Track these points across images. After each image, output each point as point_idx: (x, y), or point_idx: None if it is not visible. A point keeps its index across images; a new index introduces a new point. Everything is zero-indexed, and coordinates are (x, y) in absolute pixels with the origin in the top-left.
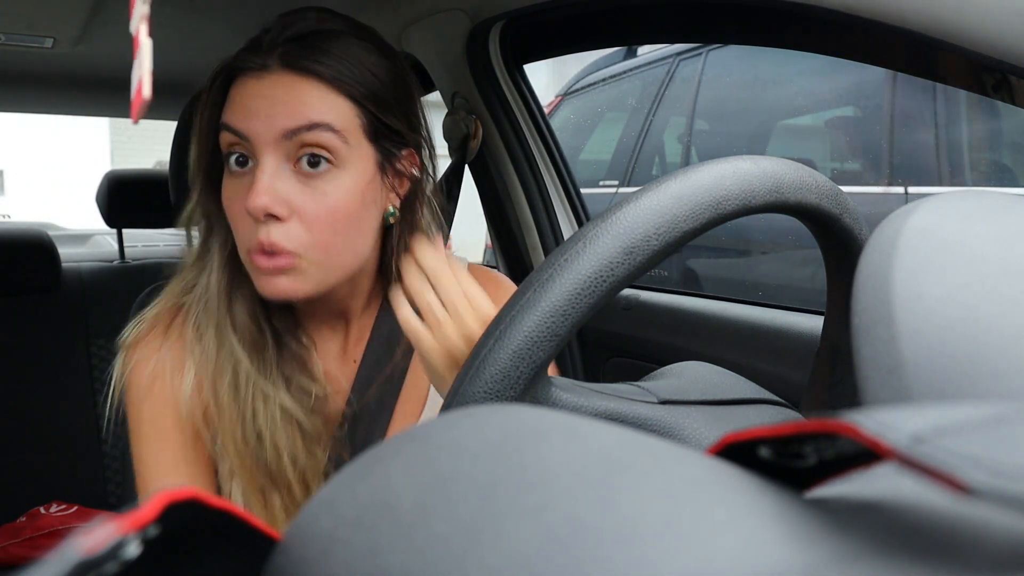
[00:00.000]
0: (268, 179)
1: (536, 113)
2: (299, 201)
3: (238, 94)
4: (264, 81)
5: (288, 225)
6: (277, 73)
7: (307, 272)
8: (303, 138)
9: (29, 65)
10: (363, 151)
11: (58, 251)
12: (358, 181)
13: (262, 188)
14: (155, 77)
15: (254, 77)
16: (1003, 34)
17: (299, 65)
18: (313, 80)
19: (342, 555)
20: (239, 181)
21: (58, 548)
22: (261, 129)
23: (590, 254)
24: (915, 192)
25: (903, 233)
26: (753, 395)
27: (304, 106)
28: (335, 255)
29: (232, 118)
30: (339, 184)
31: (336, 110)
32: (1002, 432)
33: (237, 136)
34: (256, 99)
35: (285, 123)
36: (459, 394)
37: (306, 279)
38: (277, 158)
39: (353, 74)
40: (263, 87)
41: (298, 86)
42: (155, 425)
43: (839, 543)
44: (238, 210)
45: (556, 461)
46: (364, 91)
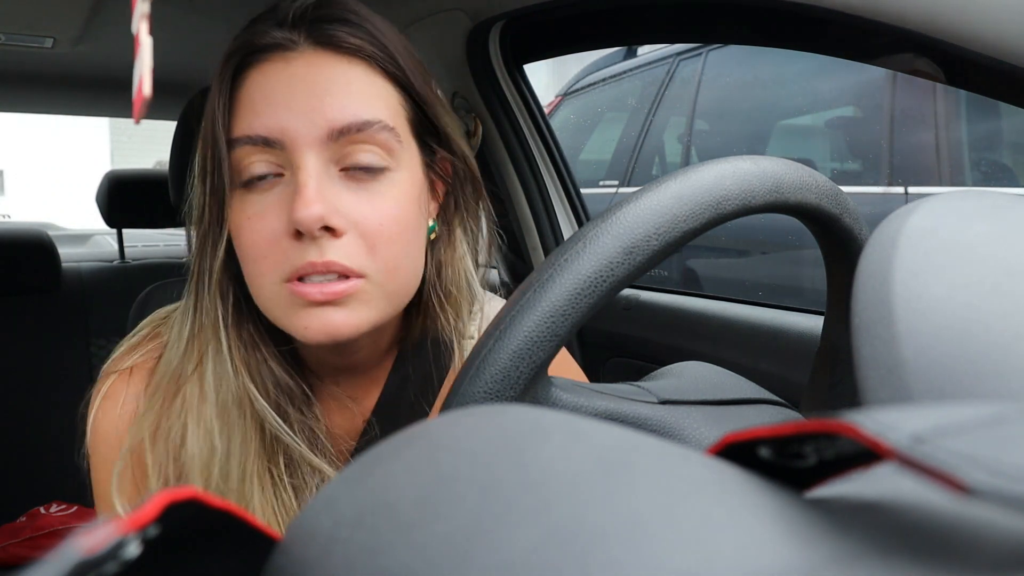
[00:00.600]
0: (316, 184)
1: (536, 113)
2: (355, 211)
3: (257, 87)
4: (294, 64)
5: (345, 240)
6: (309, 53)
7: (370, 301)
8: (354, 137)
9: (29, 65)
10: (412, 149)
11: (58, 251)
12: (413, 185)
13: (313, 194)
14: (155, 77)
15: (280, 60)
16: (1003, 34)
17: (337, 42)
18: (356, 62)
19: (342, 555)
20: (259, 198)
21: (58, 548)
22: (300, 127)
23: (590, 254)
24: (915, 192)
25: (903, 233)
26: (753, 395)
27: (352, 96)
28: (401, 276)
29: (253, 124)
30: (397, 189)
31: (387, 100)
32: (1002, 432)
33: (263, 145)
34: (285, 89)
35: (332, 119)
36: (459, 394)
37: (368, 309)
38: (322, 160)
39: (395, 56)
40: (294, 72)
41: (341, 70)
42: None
43: (839, 543)
44: (265, 232)
45: (556, 461)
46: (407, 77)
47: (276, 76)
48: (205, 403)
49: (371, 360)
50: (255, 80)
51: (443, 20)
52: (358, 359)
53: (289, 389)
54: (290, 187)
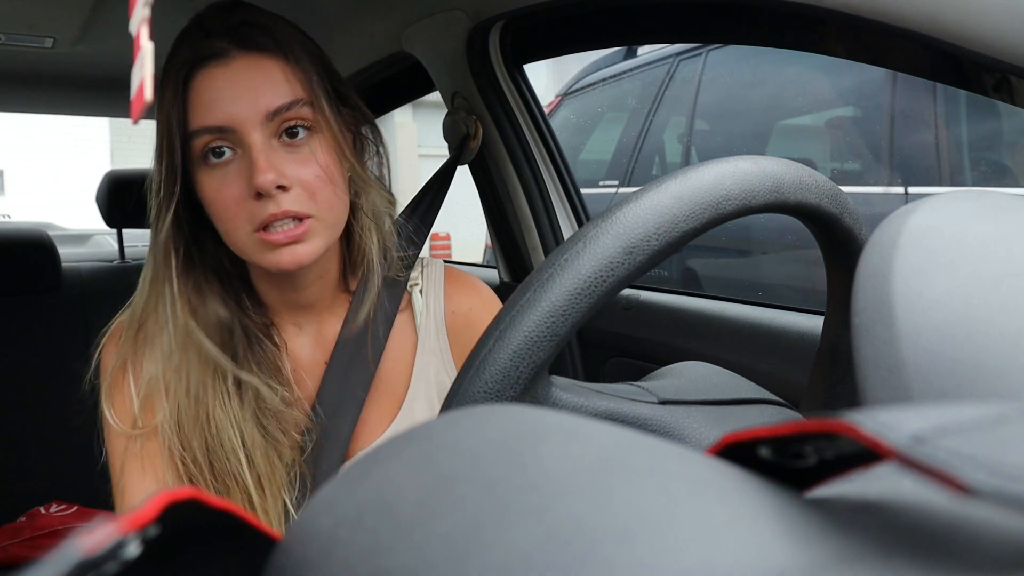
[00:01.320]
0: (267, 156)
1: (536, 113)
2: (294, 170)
3: (205, 88)
4: (231, 67)
5: (293, 193)
6: (240, 57)
7: (319, 233)
8: (284, 116)
9: (29, 65)
10: (327, 113)
11: (58, 251)
12: (333, 140)
13: (265, 165)
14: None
15: (220, 65)
16: (1003, 34)
17: (258, 45)
18: (276, 58)
19: (342, 555)
20: (222, 172)
21: (58, 548)
22: (244, 115)
23: (590, 254)
24: (915, 192)
25: (903, 233)
26: (753, 395)
27: (277, 85)
28: (335, 211)
29: (207, 117)
30: (323, 147)
31: (299, 83)
32: (1002, 432)
33: (218, 133)
34: (229, 88)
35: (267, 105)
36: (459, 394)
37: (319, 239)
38: (265, 136)
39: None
40: (232, 73)
41: (264, 66)
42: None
43: (839, 543)
44: (234, 196)
45: (556, 461)
46: (312, 60)
47: (220, 78)
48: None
49: (324, 296)
50: (203, 83)
51: (443, 20)
52: (312, 294)
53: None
54: (244, 161)
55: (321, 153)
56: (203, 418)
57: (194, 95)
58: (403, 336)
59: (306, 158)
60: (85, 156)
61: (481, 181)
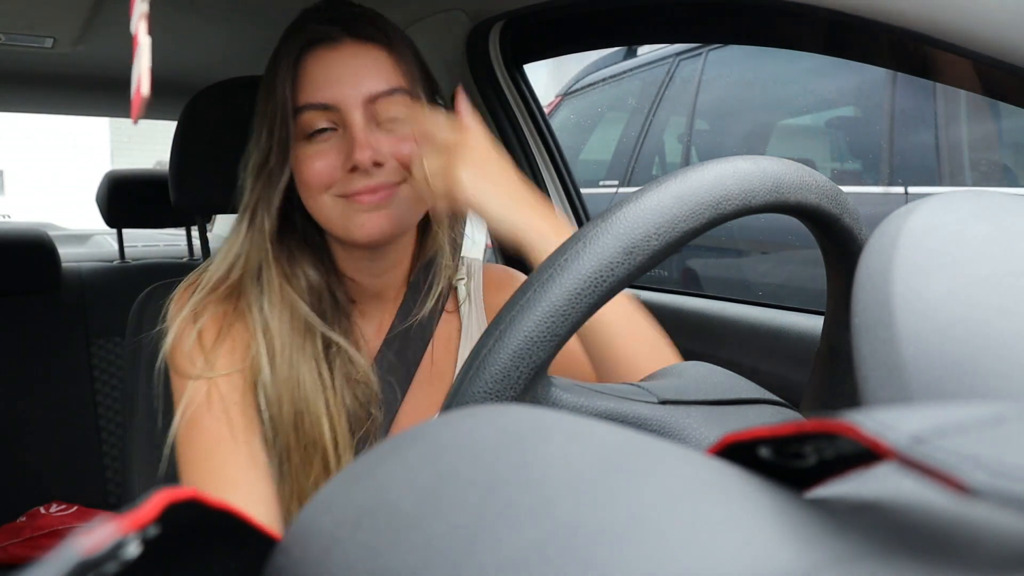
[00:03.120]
0: (366, 134)
1: (536, 113)
2: (391, 149)
3: (315, 67)
4: (340, 51)
5: (386, 168)
6: (348, 43)
7: (404, 201)
8: (385, 101)
9: (29, 65)
10: (422, 103)
11: (58, 251)
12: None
13: (363, 142)
14: (155, 77)
15: (330, 48)
16: (1003, 34)
17: (364, 34)
18: (382, 48)
19: (342, 555)
20: (320, 147)
21: (58, 548)
22: (349, 95)
23: (590, 254)
24: (915, 192)
25: (903, 233)
26: (753, 395)
27: (380, 72)
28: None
29: (314, 95)
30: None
31: (402, 74)
32: (1002, 432)
33: (324, 109)
34: (337, 69)
35: (369, 89)
36: (459, 394)
37: (403, 209)
38: (365, 118)
39: (402, 42)
40: (341, 57)
41: (370, 54)
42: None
43: (839, 543)
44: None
45: (556, 461)
46: (414, 55)
47: (329, 60)
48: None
49: (393, 286)
50: (313, 63)
51: (443, 20)
52: (384, 282)
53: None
54: (344, 139)
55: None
56: (293, 382)
57: (304, 74)
58: (450, 327)
59: (402, 138)
60: (85, 156)
61: None
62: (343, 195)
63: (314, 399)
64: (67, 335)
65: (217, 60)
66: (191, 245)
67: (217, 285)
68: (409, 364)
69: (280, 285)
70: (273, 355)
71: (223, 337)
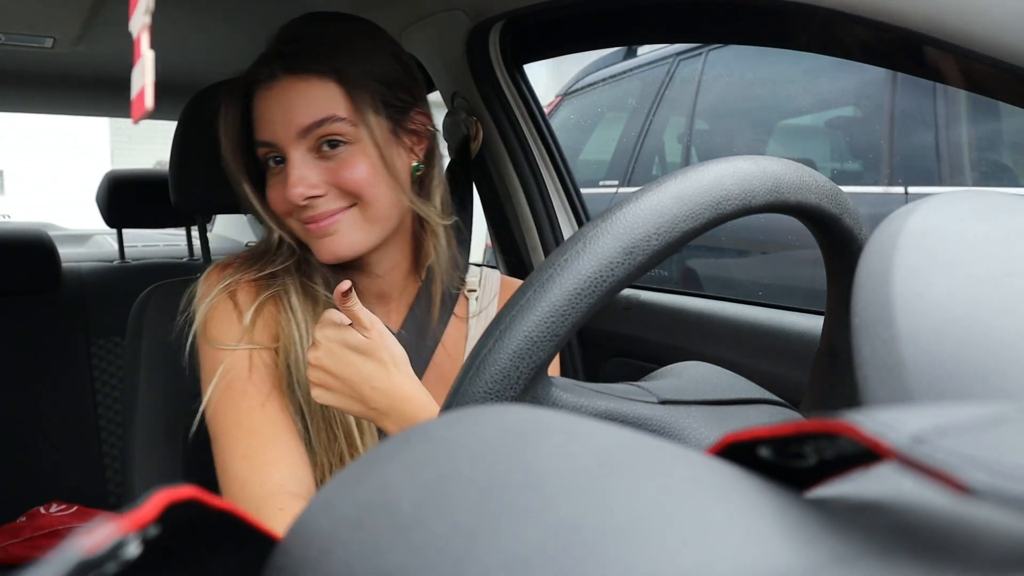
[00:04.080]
0: (298, 171)
1: (536, 113)
2: (330, 178)
3: (258, 108)
4: (274, 90)
5: (327, 197)
6: (283, 80)
7: (354, 225)
8: (317, 132)
9: (29, 65)
10: (373, 123)
11: (58, 251)
12: (375, 149)
13: (295, 180)
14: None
15: (265, 88)
16: (1003, 34)
17: (299, 67)
18: (314, 78)
19: (342, 555)
20: (279, 176)
21: (58, 548)
22: (281, 133)
23: (590, 254)
24: (915, 192)
25: (903, 233)
26: (753, 395)
27: (310, 104)
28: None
29: (260, 133)
30: (358, 156)
31: (340, 99)
32: (1002, 432)
33: (268, 146)
34: (272, 108)
35: (299, 123)
36: (459, 394)
37: (356, 232)
38: (301, 151)
39: (349, 63)
40: (274, 95)
41: (303, 88)
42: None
43: (839, 543)
44: (282, 198)
45: (556, 461)
46: (361, 74)
47: (266, 99)
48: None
49: (396, 288)
50: (257, 102)
51: (443, 20)
52: (384, 284)
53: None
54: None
55: (360, 161)
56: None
57: (253, 112)
58: (457, 335)
59: (341, 164)
60: (85, 156)
61: (481, 182)
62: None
63: None
64: (67, 335)
65: (217, 60)
66: (191, 245)
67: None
68: (417, 365)
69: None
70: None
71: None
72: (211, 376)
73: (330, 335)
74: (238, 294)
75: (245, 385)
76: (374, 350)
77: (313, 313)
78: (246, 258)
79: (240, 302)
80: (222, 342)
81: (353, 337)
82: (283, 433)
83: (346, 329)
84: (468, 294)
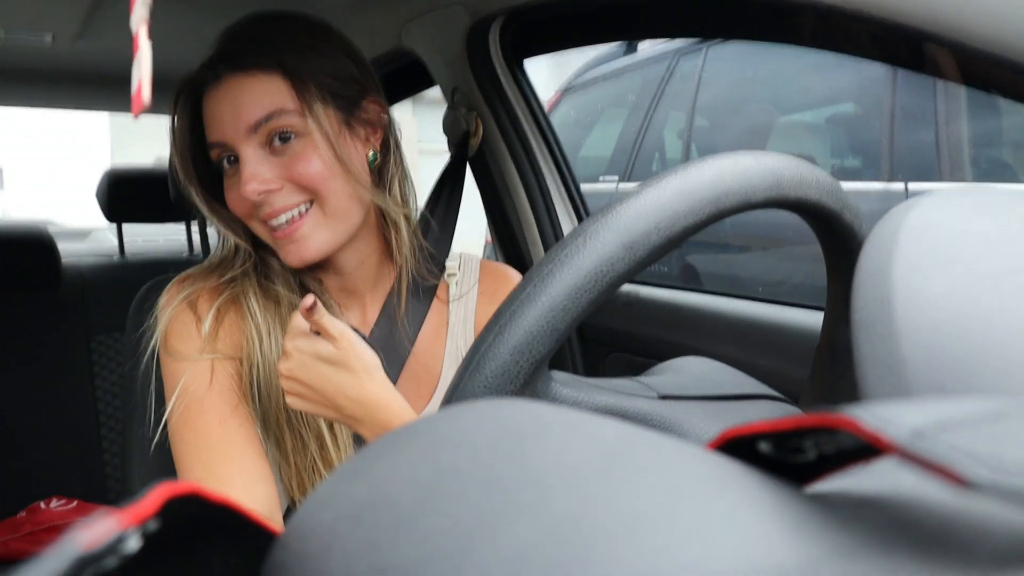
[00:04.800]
0: (251, 167)
1: (536, 109)
2: (284, 172)
3: (207, 110)
4: (220, 90)
5: (283, 192)
6: (229, 78)
7: (319, 224)
8: (266, 127)
9: (29, 60)
10: (321, 114)
11: (58, 247)
12: (327, 140)
13: (248, 176)
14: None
15: (212, 89)
16: (1003, 31)
17: (243, 64)
18: (259, 73)
19: (342, 550)
20: (235, 177)
21: (58, 543)
22: (231, 132)
23: (590, 249)
24: (915, 188)
25: (903, 229)
26: (753, 390)
27: (257, 100)
28: (335, 202)
29: (211, 134)
30: (309, 149)
31: (285, 92)
32: (1002, 427)
33: (219, 147)
34: (220, 108)
35: (247, 120)
36: (459, 389)
37: (320, 232)
38: (252, 147)
39: (292, 56)
40: (221, 94)
41: (248, 84)
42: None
43: (839, 537)
44: (241, 198)
45: (556, 456)
46: (306, 66)
47: (214, 99)
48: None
49: (367, 282)
50: (207, 104)
51: (443, 16)
52: (355, 279)
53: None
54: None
55: (312, 153)
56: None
57: (204, 113)
58: (438, 321)
59: (294, 158)
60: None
61: (481, 177)
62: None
63: None
64: (67, 331)
65: None
66: (191, 241)
67: (208, 276)
68: (395, 355)
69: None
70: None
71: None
72: (172, 389)
73: (301, 346)
74: (198, 304)
75: (203, 403)
76: (345, 360)
77: (276, 314)
78: (205, 268)
79: (200, 311)
80: (183, 354)
81: (323, 348)
82: (242, 450)
83: (316, 339)
84: (448, 278)
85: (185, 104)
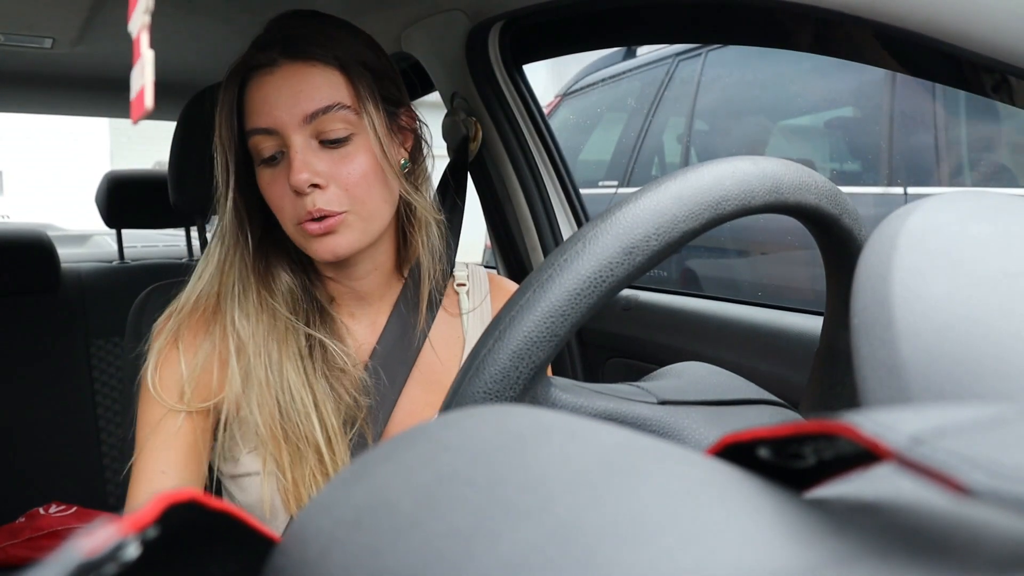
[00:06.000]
0: (303, 156)
1: (535, 113)
2: (332, 170)
3: (256, 93)
4: (276, 75)
5: (328, 191)
6: (285, 65)
7: (352, 226)
8: (322, 118)
9: (29, 65)
10: (373, 116)
11: (57, 252)
12: (376, 142)
13: (300, 165)
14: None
15: (266, 73)
16: (1003, 34)
17: (302, 53)
18: (318, 65)
19: (341, 556)
20: (274, 169)
21: (59, 550)
22: (285, 118)
23: (589, 254)
24: (914, 192)
25: (902, 234)
26: (752, 396)
27: (317, 90)
28: (372, 205)
29: (257, 120)
30: (361, 147)
31: (343, 88)
32: (1001, 433)
33: (266, 134)
34: (274, 92)
35: (305, 108)
36: (458, 394)
37: (354, 232)
38: (304, 138)
39: (348, 53)
40: (276, 80)
41: (307, 73)
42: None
43: (838, 544)
44: (280, 191)
45: (555, 462)
46: (361, 65)
47: (266, 84)
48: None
49: (379, 286)
50: (255, 89)
51: (442, 21)
52: (368, 284)
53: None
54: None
55: (361, 154)
56: (276, 381)
57: (248, 99)
58: (452, 333)
59: (344, 157)
60: (85, 157)
61: (480, 182)
62: (298, 223)
63: (299, 393)
64: (67, 335)
65: (216, 61)
66: (190, 245)
67: (196, 305)
68: (404, 364)
69: (258, 291)
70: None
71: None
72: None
73: None
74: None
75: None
76: None
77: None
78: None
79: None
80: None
81: None
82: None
83: None
84: (458, 288)
85: (234, 86)
